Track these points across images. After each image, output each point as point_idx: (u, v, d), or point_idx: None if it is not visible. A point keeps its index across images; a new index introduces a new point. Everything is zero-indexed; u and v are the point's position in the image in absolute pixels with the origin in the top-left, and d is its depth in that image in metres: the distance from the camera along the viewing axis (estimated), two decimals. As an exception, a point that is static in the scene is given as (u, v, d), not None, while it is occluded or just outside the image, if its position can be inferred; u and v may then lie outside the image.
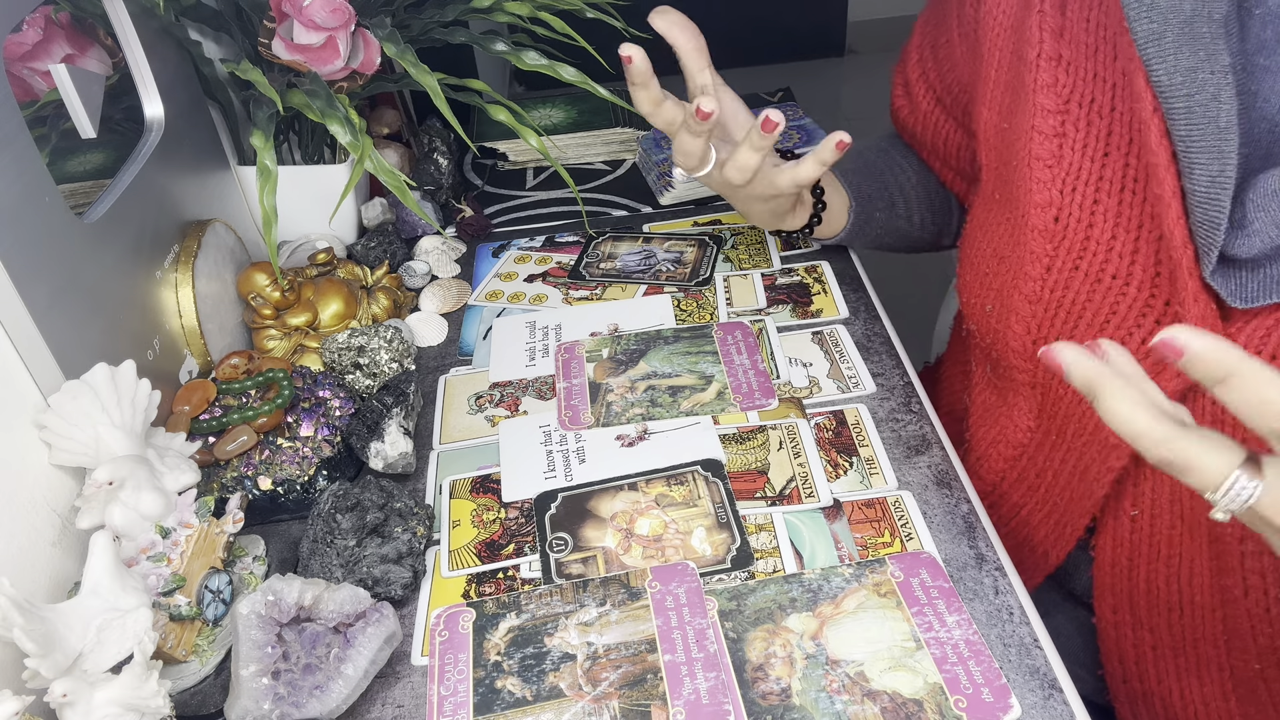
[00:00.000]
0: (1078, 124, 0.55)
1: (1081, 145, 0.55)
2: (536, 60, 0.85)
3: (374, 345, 0.75)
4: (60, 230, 0.60)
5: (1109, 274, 0.55)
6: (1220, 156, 0.47)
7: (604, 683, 0.54)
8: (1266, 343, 0.49)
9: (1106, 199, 0.54)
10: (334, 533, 0.60)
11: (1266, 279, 0.48)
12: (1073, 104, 0.55)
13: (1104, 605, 0.63)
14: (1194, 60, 0.47)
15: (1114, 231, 0.54)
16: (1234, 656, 0.58)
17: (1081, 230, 0.56)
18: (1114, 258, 0.54)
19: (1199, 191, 0.48)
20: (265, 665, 0.52)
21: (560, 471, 0.68)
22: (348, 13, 0.77)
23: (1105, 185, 0.54)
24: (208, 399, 0.70)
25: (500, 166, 1.12)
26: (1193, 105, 0.47)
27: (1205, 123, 0.47)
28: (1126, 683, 0.64)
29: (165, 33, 0.75)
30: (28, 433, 0.56)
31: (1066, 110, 0.56)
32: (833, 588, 0.58)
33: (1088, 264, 0.56)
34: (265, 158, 0.74)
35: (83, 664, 0.48)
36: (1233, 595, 0.56)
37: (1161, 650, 0.61)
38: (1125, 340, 0.55)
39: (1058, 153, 0.56)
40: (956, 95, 0.74)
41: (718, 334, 0.79)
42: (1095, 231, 0.55)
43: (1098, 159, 0.55)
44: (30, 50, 0.64)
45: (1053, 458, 0.64)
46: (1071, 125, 0.55)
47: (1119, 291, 0.54)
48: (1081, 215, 0.55)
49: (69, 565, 0.58)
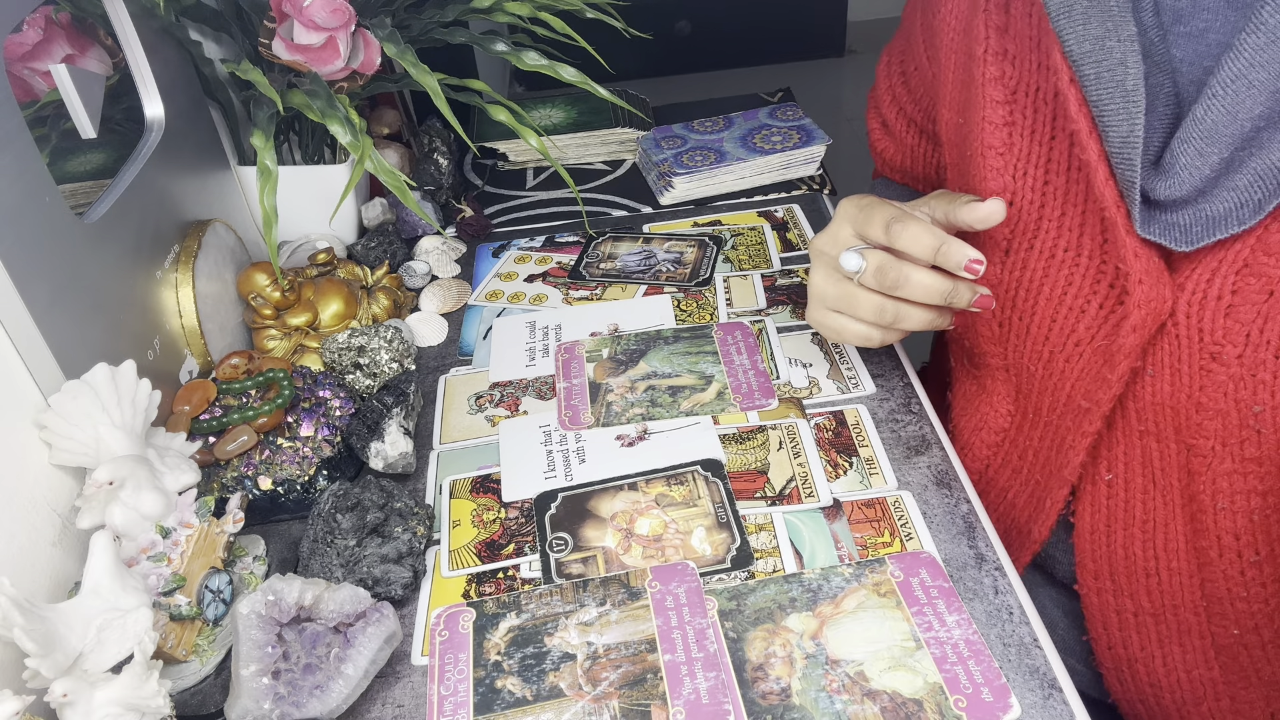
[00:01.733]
0: (1025, 112, 0.58)
1: (1030, 131, 0.57)
2: (536, 60, 0.85)
3: (374, 345, 0.75)
4: (60, 230, 0.60)
5: (1061, 248, 0.57)
6: (1129, 118, 0.50)
7: (604, 682, 0.54)
8: (1213, 283, 0.50)
9: (1056, 179, 0.57)
10: (334, 533, 0.60)
11: (1205, 217, 0.50)
12: (1019, 93, 0.58)
13: (1085, 573, 0.64)
14: (1102, 30, 0.50)
15: (1063, 208, 0.57)
16: (1214, 623, 0.59)
17: (1035, 211, 0.58)
18: (1065, 232, 0.57)
19: (1115, 153, 0.51)
20: (265, 665, 0.52)
21: (560, 471, 0.68)
22: (348, 13, 0.77)
23: (1054, 166, 0.57)
24: (208, 399, 0.70)
25: (500, 166, 1.12)
26: (1101, 71, 0.50)
27: (1114, 86, 0.50)
28: (1111, 649, 0.65)
29: (165, 33, 0.75)
30: (28, 433, 0.57)
31: (1014, 100, 0.58)
32: (833, 587, 0.58)
33: (1041, 241, 0.58)
34: (265, 158, 0.74)
35: (83, 664, 0.48)
36: (1208, 558, 0.57)
37: (1142, 617, 0.62)
38: (1084, 308, 0.56)
39: (1008, 140, 0.58)
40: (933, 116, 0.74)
41: (718, 334, 0.79)
42: (1047, 210, 0.57)
43: (1045, 142, 0.57)
44: (31, 50, 0.64)
45: (1032, 436, 0.65)
46: (1019, 113, 0.58)
47: (1072, 263, 0.57)
48: (1034, 197, 0.58)
49: (69, 565, 0.58)
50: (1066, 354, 0.58)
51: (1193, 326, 0.51)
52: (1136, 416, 0.56)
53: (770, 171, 1.02)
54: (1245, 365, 0.50)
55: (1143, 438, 0.57)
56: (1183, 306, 0.52)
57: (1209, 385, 0.51)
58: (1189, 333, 0.52)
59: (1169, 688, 0.63)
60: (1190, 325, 0.52)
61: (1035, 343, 0.60)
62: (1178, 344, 0.52)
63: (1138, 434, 0.57)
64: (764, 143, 1.04)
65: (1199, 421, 0.53)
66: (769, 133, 1.06)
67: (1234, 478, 0.53)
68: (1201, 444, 0.53)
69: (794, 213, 0.96)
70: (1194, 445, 0.54)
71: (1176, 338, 0.52)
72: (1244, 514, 0.54)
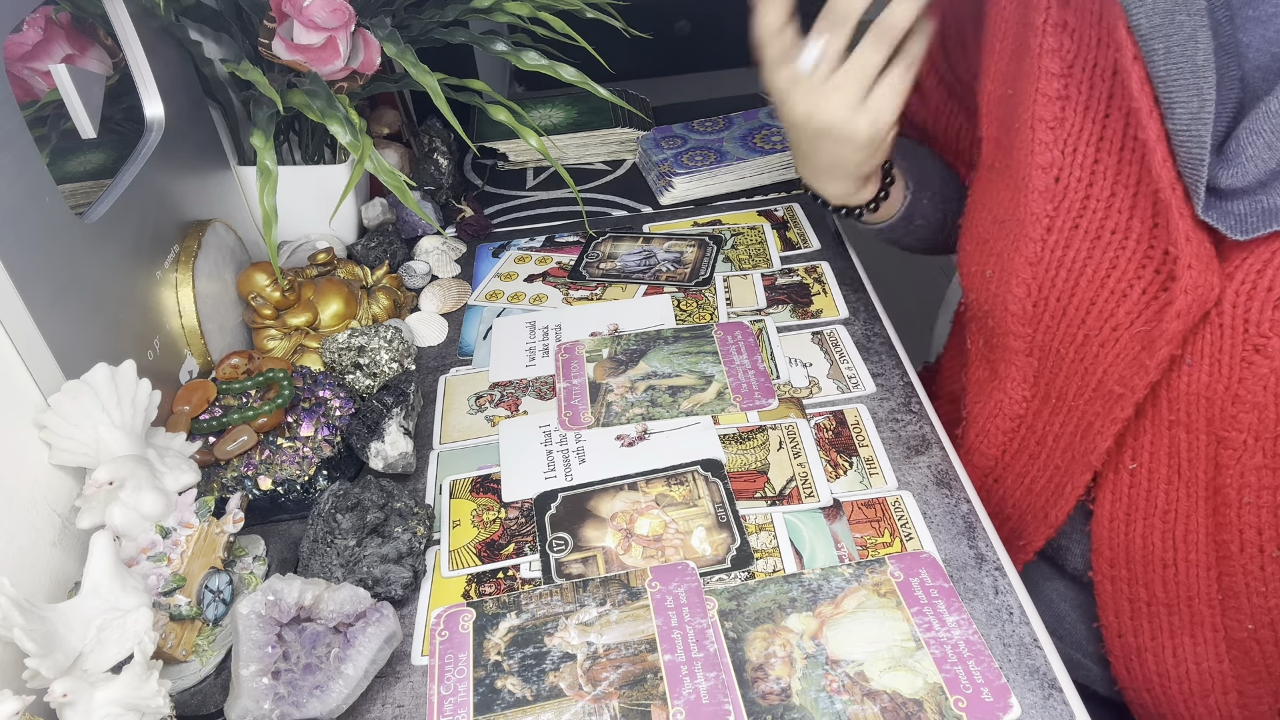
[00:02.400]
0: (1080, 87, 0.56)
1: (1084, 107, 0.56)
2: (536, 60, 0.85)
3: (374, 345, 0.75)
4: (60, 230, 0.60)
5: (1108, 229, 0.56)
6: (1199, 94, 0.49)
7: (604, 682, 0.54)
8: (1264, 274, 0.50)
9: (1107, 158, 0.56)
10: (334, 533, 0.60)
11: (1262, 208, 0.49)
12: (1076, 68, 0.56)
13: (1101, 560, 0.63)
14: (1171, 3, 0.49)
15: (1113, 189, 0.55)
16: (1228, 616, 0.59)
17: (1081, 189, 0.57)
18: (1113, 213, 0.56)
19: (1180, 131, 0.50)
20: (265, 665, 0.52)
21: (560, 471, 0.68)
22: (348, 13, 0.77)
23: (1106, 145, 0.56)
24: (208, 399, 0.70)
25: (500, 166, 1.12)
26: (1170, 46, 0.49)
27: (1184, 61, 0.49)
28: (1121, 638, 0.65)
29: (165, 33, 0.75)
30: (28, 433, 0.56)
31: (1070, 74, 0.57)
32: (833, 588, 0.58)
33: (1087, 222, 0.57)
34: (265, 158, 0.74)
35: (83, 664, 0.48)
36: (1229, 551, 0.56)
37: (1156, 607, 0.62)
38: (1126, 292, 0.56)
39: (1060, 115, 0.57)
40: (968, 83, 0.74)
41: (718, 334, 0.79)
42: (1095, 190, 0.56)
43: (1099, 120, 0.56)
44: (30, 50, 0.64)
45: (1053, 422, 0.64)
46: (1075, 88, 0.56)
47: (1118, 246, 0.56)
48: (1082, 175, 0.57)
49: (69, 565, 0.58)
50: (1102, 338, 0.57)
51: (1239, 316, 0.51)
52: (1168, 406, 0.55)
53: (770, 171, 1.02)
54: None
55: (1171, 428, 0.56)
56: (1230, 296, 0.51)
57: (1249, 378, 0.51)
58: (1234, 322, 0.51)
59: (1177, 679, 0.63)
60: (1236, 315, 0.51)
61: (1070, 325, 0.59)
62: (1220, 334, 0.52)
63: (1167, 424, 0.56)
64: (764, 143, 1.04)
65: (1234, 414, 0.52)
66: (769, 133, 1.06)
67: (1263, 472, 0.53)
68: (1234, 437, 0.53)
69: (794, 212, 0.96)
70: (1226, 438, 0.53)
71: (1220, 327, 0.52)
72: (1269, 508, 0.54)
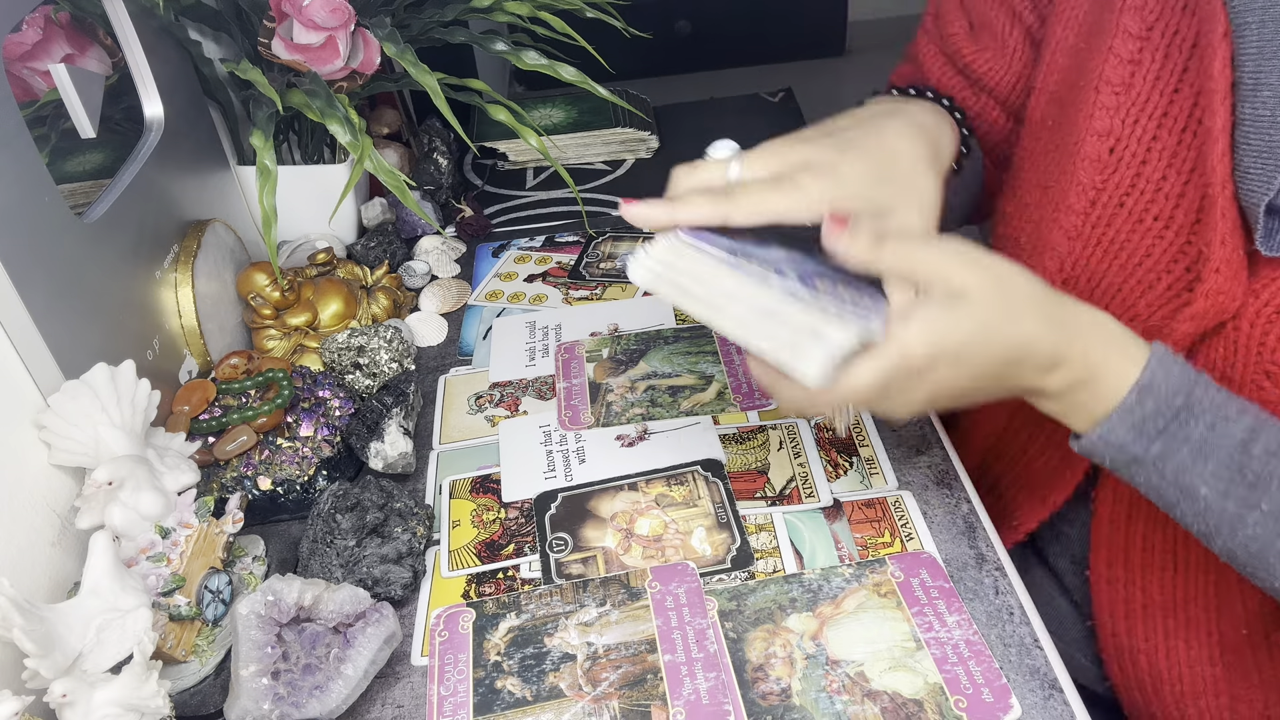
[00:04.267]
0: (1155, 53, 0.53)
1: (1154, 76, 0.53)
2: (536, 60, 0.85)
3: (374, 345, 0.75)
4: (60, 230, 0.60)
5: (1151, 215, 0.53)
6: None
7: (604, 683, 0.54)
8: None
9: (1166, 136, 0.53)
10: (334, 533, 0.60)
11: None
12: (1155, 31, 0.53)
13: (1099, 560, 0.63)
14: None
15: (1165, 172, 0.53)
16: (1223, 621, 0.58)
17: (1134, 166, 0.54)
18: (1160, 198, 0.53)
19: (1263, 116, 0.47)
20: (265, 665, 0.52)
21: (560, 471, 0.68)
22: (347, 12, 0.77)
23: (1169, 122, 0.53)
24: (207, 399, 0.70)
25: (500, 166, 1.12)
26: (1266, 20, 0.46)
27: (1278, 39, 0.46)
28: (1115, 637, 0.64)
29: (165, 32, 0.75)
30: (27, 433, 0.56)
31: (1148, 37, 0.53)
32: (833, 588, 0.58)
33: (1133, 202, 0.54)
34: (265, 157, 0.74)
35: (82, 664, 0.48)
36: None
37: (1151, 609, 0.61)
38: (1153, 284, 0.54)
39: (1128, 80, 0.54)
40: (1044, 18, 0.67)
41: (717, 334, 0.79)
42: (1148, 169, 0.53)
43: (1167, 94, 0.53)
44: (30, 50, 0.64)
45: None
46: (1149, 53, 0.53)
47: (1158, 234, 0.53)
48: (1138, 150, 0.54)
49: (68, 565, 0.58)
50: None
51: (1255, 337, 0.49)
52: None
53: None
54: None
55: None
56: (1249, 314, 0.49)
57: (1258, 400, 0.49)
58: (1249, 341, 0.49)
59: (1169, 680, 0.63)
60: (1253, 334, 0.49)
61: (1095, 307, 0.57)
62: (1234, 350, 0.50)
63: None
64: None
65: None
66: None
67: None
68: None
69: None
70: None
71: (1235, 343, 0.50)
72: None
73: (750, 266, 0.47)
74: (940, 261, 0.45)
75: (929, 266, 0.46)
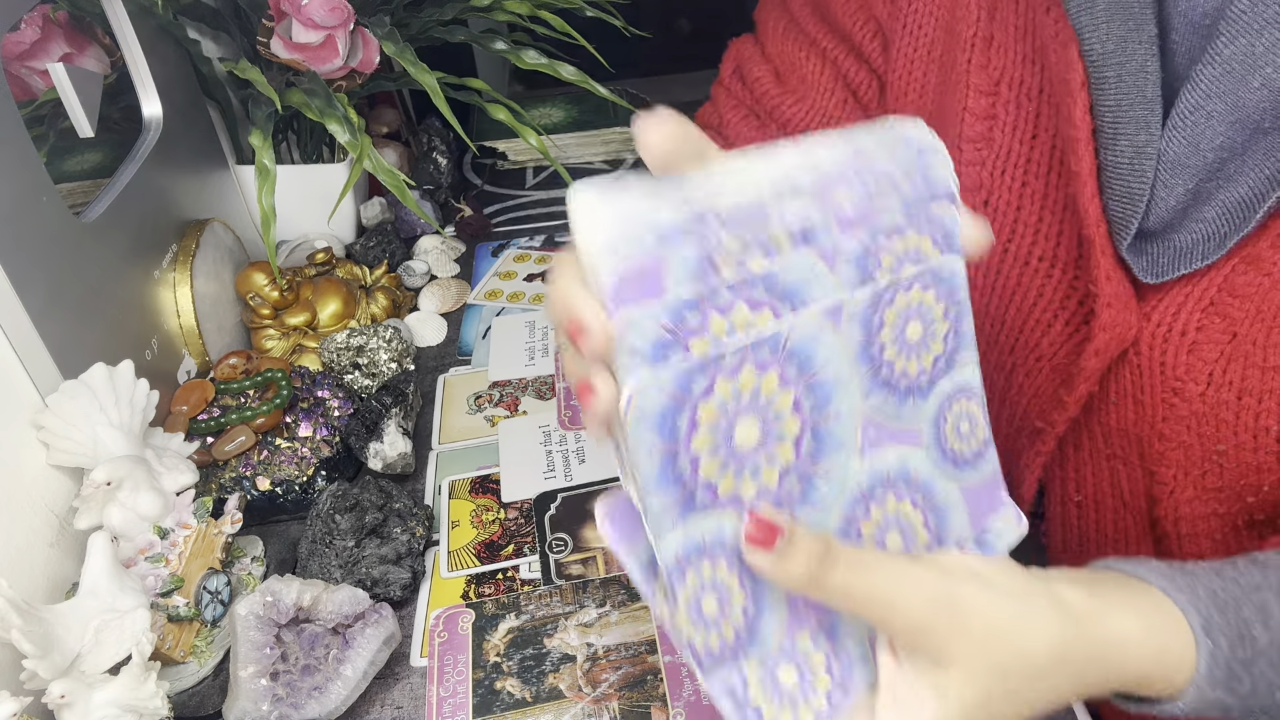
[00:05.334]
0: (1008, 106, 0.55)
1: (1011, 127, 0.55)
2: (536, 59, 0.85)
3: (373, 345, 0.75)
4: (58, 230, 0.60)
5: (1036, 256, 0.55)
6: (1146, 127, 0.48)
7: (603, 684, 0.54)
8: (1178, 317, 0.49)
9: (1034, 181, 0.54)
10: (333, 533, 0.60)
11: (1172, 249, 0.49)
12: (1003, 85, 0.55)
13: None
14: (1124, 30, 0.47)
15: (1040, 214, 0.54)
16: None
17: (1010, 213, 0.55)
18: (1040, 239, 0.54)
19: (1122, 164, 0.49)
20: (264, 666, 0.52)
21: (560, 472, 0.68)
22: (346, 11, 0.76)
23: (1033, 167, 0.54)
24: (206, 399, 0.70)
25: (500, 166, 1.11)
26: (1123, 75, 0.48)
27: (1134, 93, 0.48)
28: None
29: (163, 31, 0.75)
30: (26, 433, 0.56)
31: (997, 92, 0.55)
32: (833, 588, 0.58)
33: (1016, 246, 0.55)
34: (264, 157, 0.73)
35: (81, 665, 0.48)
36: None
37: None
38: (1050, 323, 0.55)
39: (988, 134, 0.56)
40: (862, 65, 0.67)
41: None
42: (1023, 214, 0.55)
43: (1026, 141, 0.54)
44: (28, 49, 0.64)
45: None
46: (1002, 107, 0.55)
47: (1045, 274, 0.55)
48: (1010, 198, 0.55)
49: (67, 566, 0.58)
50: (1027, 368, 0.57)
51: (1155, 359, 0.50)
52: (1104, 440, 0.55)
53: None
54: (1208, 404, 0.49)
55: (1110, 460, 0.55)
56: (1146, 338, 0.50)
57: (1171, 418, 0.50)
58: (1151, 364, 0.51)
59: None
60: (1153, 357, 0.50)
61: (1001, 353, 0.58)
62: (1139, 374, 0.51)
63: (1105, 457, 0.56)
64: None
65: (1161, 451, 0.52)
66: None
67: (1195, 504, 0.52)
68: (1163, 472, 0.52)
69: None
70: (1156, 473, 0.53)
71: (1139, 368, 0.51)
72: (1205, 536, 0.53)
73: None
74: (908, 605, 0.35)
75: (899, 611, 0.35)
